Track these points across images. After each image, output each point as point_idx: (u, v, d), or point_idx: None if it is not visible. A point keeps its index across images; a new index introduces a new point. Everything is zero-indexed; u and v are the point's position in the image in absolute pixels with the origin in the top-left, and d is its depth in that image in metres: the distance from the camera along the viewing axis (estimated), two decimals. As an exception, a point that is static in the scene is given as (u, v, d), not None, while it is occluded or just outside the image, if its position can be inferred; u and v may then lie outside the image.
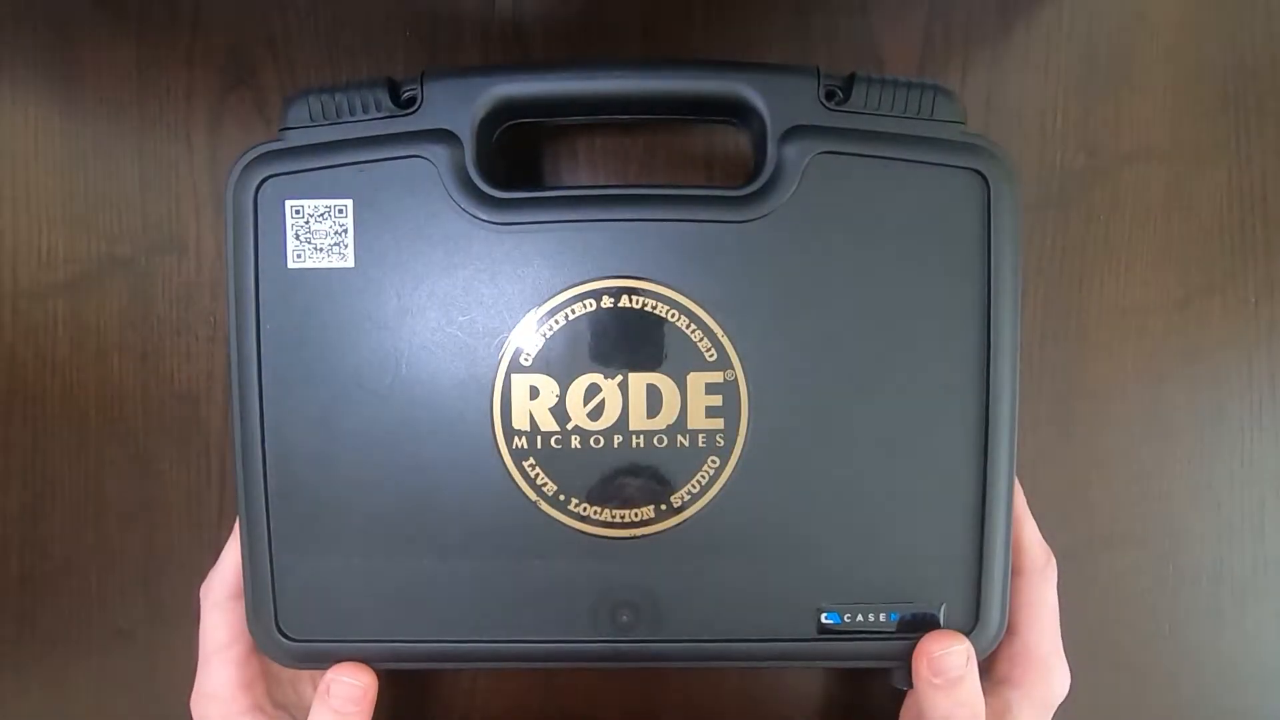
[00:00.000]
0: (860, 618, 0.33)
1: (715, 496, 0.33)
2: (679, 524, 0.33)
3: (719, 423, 0.33)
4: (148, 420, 0.41)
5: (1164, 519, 0.41)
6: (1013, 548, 0.34)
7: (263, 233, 0.33)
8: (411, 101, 0.33)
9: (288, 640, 0.34)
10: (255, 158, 0.33)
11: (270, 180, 0.33)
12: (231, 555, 0.35)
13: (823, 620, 0.33)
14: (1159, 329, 0.41)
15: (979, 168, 0.33)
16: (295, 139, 0.33)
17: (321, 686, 0.33)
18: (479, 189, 0.33)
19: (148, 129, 0.41)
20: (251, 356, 0.33)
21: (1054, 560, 0.35)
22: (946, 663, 0.32)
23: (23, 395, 0.42)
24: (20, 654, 0.42)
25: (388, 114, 0.33)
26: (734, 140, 0.40)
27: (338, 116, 0.33)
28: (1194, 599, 0.41)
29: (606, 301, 0.33)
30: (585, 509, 0.33)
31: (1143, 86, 0.40)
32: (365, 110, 0.33)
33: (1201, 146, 0.40)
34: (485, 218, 0.33)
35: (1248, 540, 0.41)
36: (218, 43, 0.40)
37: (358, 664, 0.34)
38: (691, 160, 0.40)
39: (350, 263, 0.33)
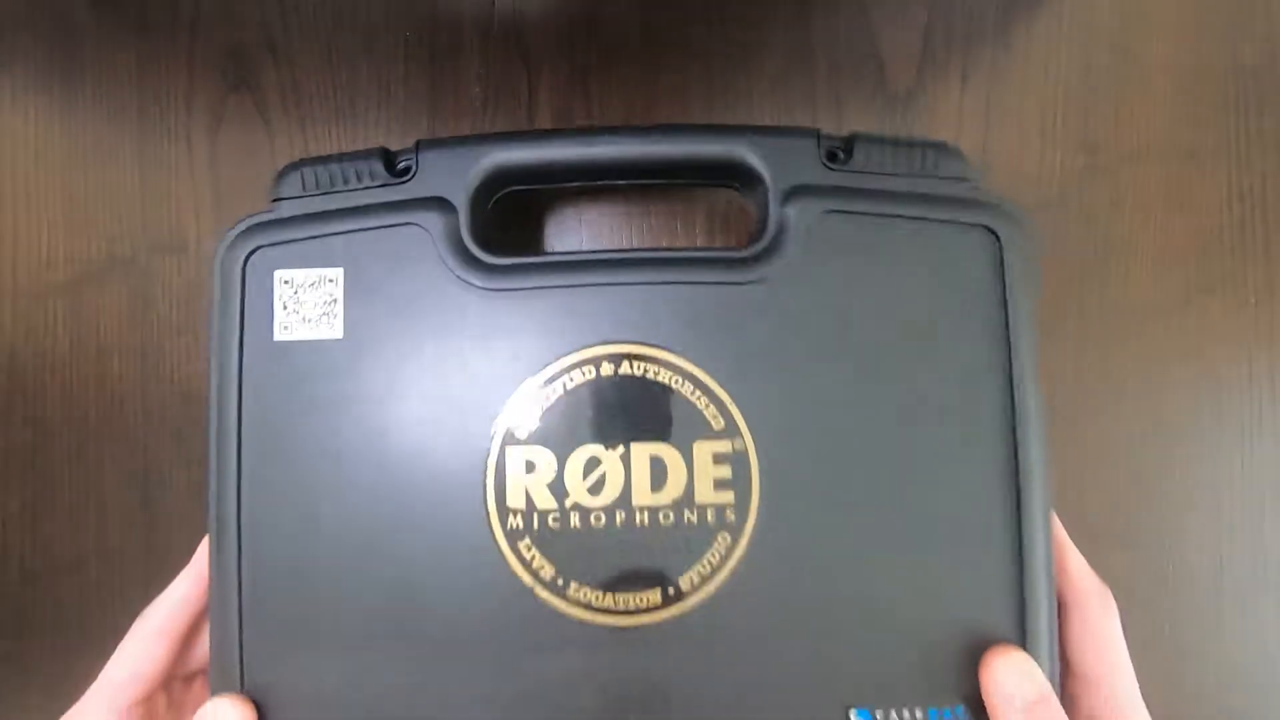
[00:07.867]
0: (895, 715, 0.30)
1: (727, 578, 0.30)
2: (688, 610, 0.30)
3: (729, 496, 0.30)
4: (148, 420, 0.41)
5: (1164, 519, 0.41)
6: (1059, 577, 0.31)
7: (249, 305, 0.32)
8: (406, 171, 0.33)
9: None
10: (246, 229, 0.32)
11: (260, 251, 0.32)
12: (180, 589, 0.33)
13: (852, 718, 0.30)
14: (1159, 329, 0.41)
15: (989, 224, 0.31)
16: (288, 210, 0.32)
17: None
18: (473, 255, 0.32)
19: (148, 129, 0.41)
20: (231, 434, 0.31)
21: (1109, 590, 0.32)
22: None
23: (23, 395, 0.42)
24: (21, 653, 0.42)
25: (382, 183, 0.32)
26: (737, 200, 0.40)
27: (331, 186, 0.32)
28: (1194, 599, 0.41)
29: (606, 369, 0.31)
30: (585, 594, 0.30)
31: (1142, 86, 0.40)
32: (359, 179, 0.32)
33: (1201, 146, 0.40)
34: (479, 284, 0.32)
35: (1248, 540, 0.41)
36: (218, 44, 0.40)
37: (234, 695, 0.30)
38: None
39: (339, 333, 0.32)
